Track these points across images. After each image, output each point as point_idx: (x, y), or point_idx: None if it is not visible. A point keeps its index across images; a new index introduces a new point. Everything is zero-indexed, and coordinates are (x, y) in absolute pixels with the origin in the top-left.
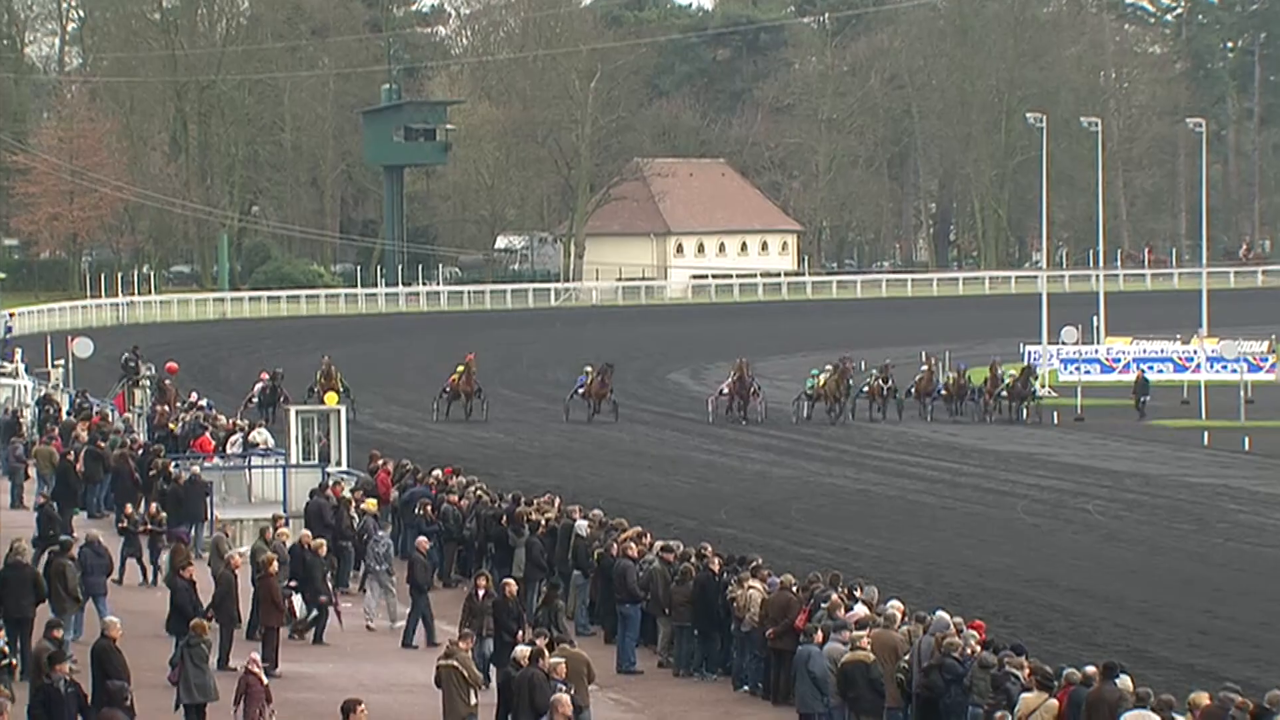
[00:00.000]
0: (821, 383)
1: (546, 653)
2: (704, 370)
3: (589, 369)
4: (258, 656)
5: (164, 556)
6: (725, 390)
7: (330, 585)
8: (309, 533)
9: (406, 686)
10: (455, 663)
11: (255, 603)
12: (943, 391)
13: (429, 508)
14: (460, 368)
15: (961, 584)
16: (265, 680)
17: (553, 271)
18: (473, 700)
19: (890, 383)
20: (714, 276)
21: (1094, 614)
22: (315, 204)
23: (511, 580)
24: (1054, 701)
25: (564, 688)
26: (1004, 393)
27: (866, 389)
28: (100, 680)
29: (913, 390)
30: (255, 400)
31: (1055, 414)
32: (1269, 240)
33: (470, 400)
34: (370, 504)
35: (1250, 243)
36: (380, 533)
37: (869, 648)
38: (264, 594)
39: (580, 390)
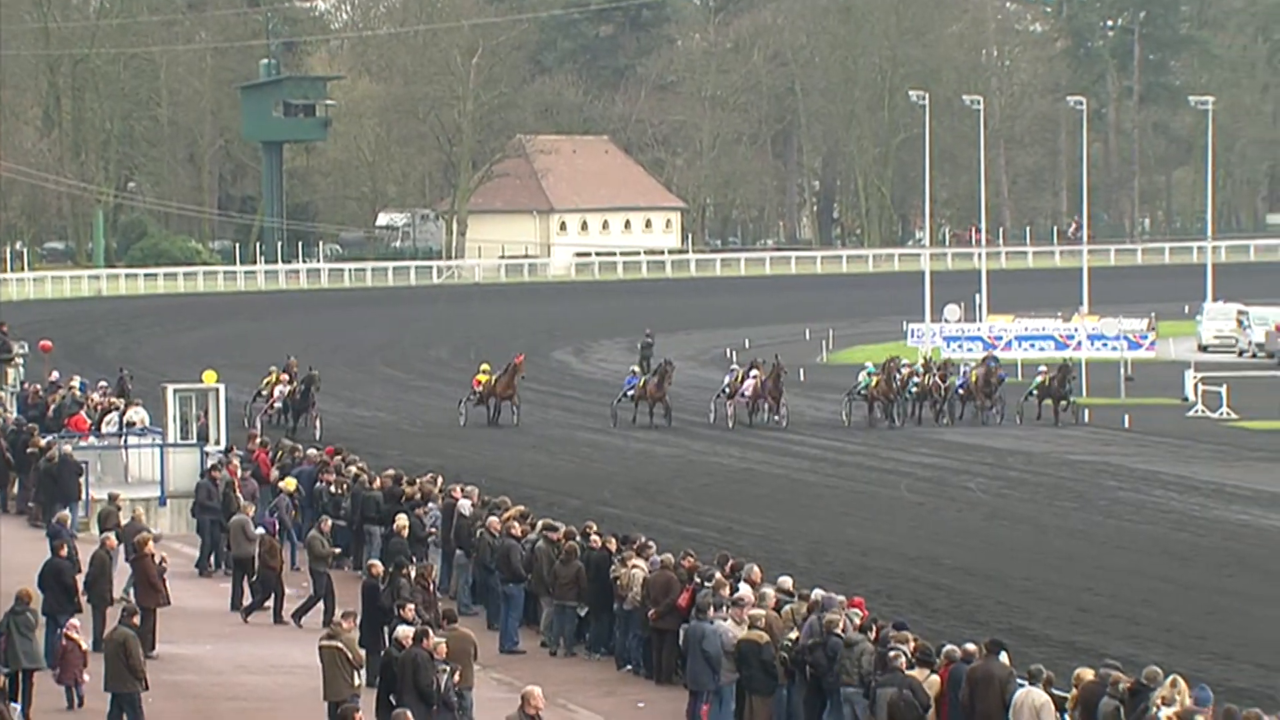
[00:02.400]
0: (875, 383)
1: (431, 633)
2: (588, 348)
3: (635, 369)
4: (77, 623)
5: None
6: (748, 392)
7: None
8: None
9: (287, 668)
10: (339, 644)
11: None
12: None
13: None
14: (485, 366)
15: (845, 562)
16: (84, 646)
17: (435, 249)
18: (356, 681)
19: (949, 381)
20: (597, 254)
21: (977, 592)
22: (193, 180)
23: (377, 561)
24: (935, 678)
25: (446, 668)
26: (1034, 391)
27: (915, 388)
28: None
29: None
30: (279, 405)
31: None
32: (1148, 218)
33: (501, 405)
34: (289, 483)
35: (1079, 222)
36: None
37: (764, 627)
38: (141, 575)
39: (630, 392)
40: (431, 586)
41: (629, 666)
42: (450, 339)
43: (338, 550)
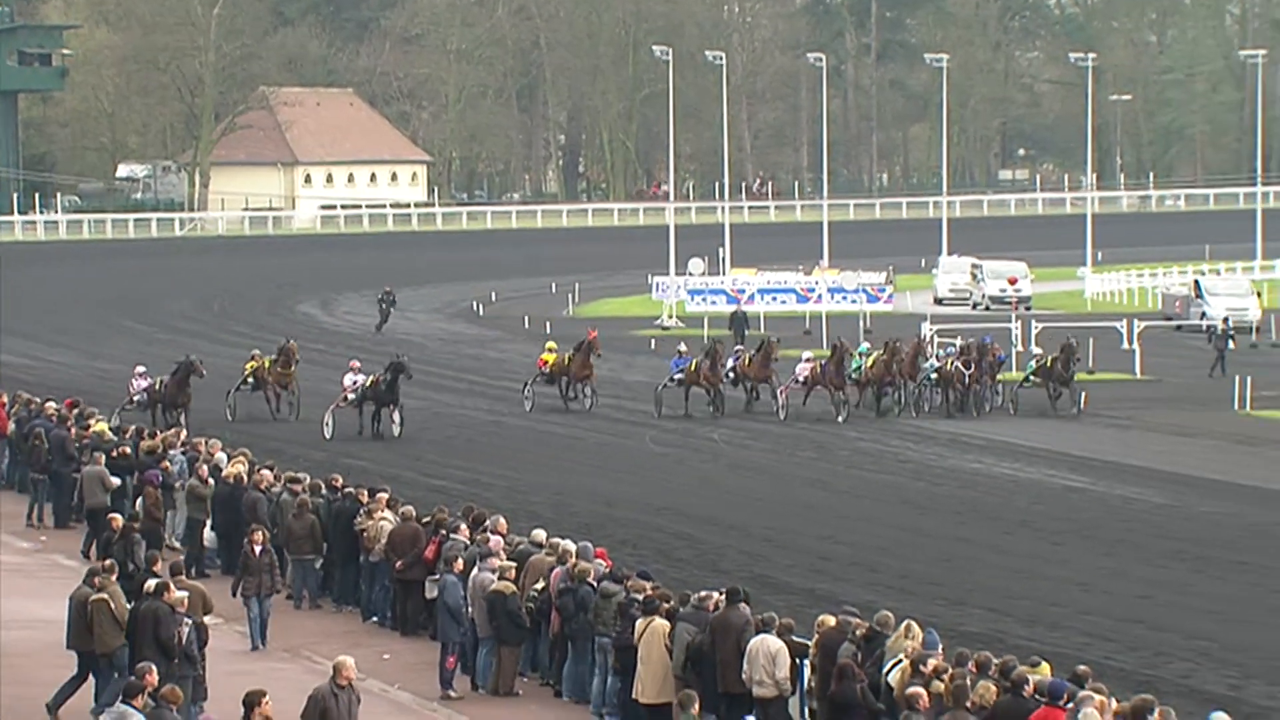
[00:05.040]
0: (870, 364)
1: (171, 586)
2: (333, 301)
3: (682, 348)
4: None
5: None
6: (804, 378)
7: None
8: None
9: (43, 622)
10: (105, 596)
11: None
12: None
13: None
14: (551, 345)
15: (590, 513)
16: None
17: (177, 201)
18: (120, 639)
19: (973, 368)
20: (343, 207)
21: (720, 541)
22: None
23: (117, 515)
24: (664, 622)
25: (189, 621)
26: (1033, 377)
27: (936, 374)
28: None
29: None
30: (352, 397)
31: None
32: (886, 174)
33: (577, 386)
34: (101, 426)
35: (763, 179)
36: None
37: (513, 578)
38: None
39: (678, 375)
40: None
41: (375, 618)
42: (193, 292)
43: (117, 482)
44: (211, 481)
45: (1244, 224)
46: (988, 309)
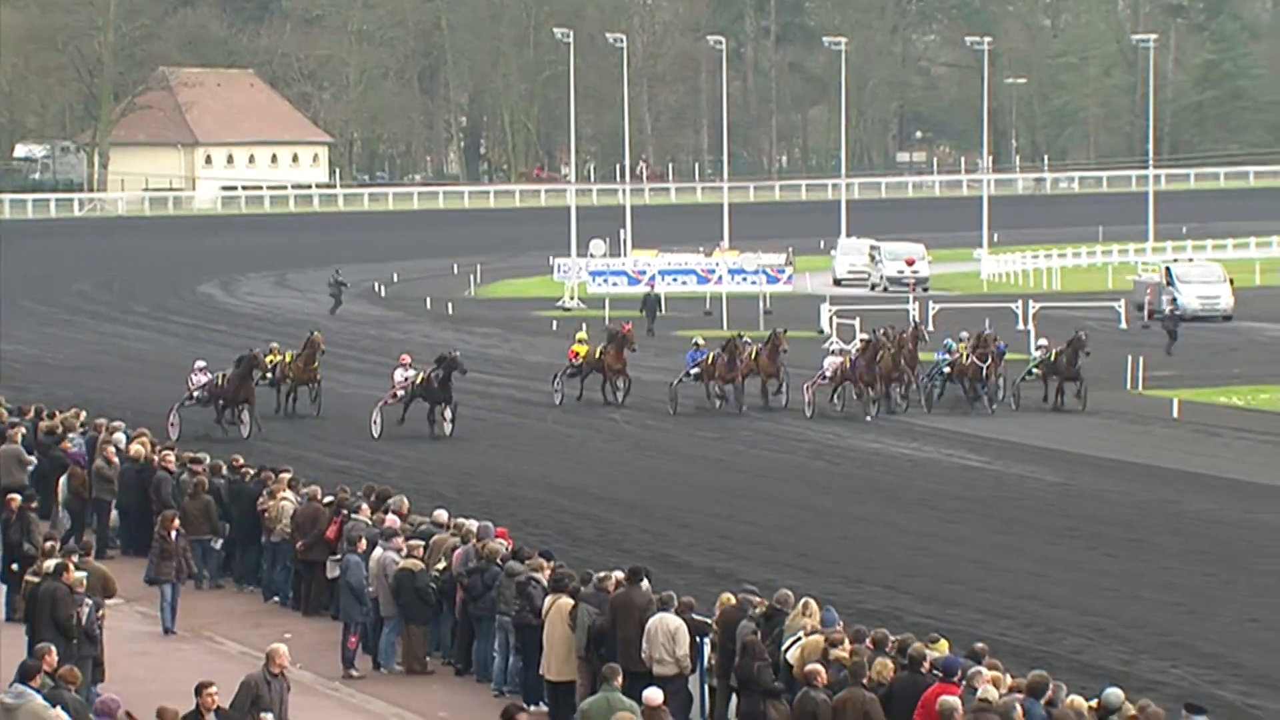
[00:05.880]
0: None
1: (70, 566)
2: (235, 282)
3: (699, 341)
4: None
5: None
6: (832, 373)
7: None
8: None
9: None
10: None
11: None
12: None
13: None
14: (581, 335)
15: (493, 493)
16: None
17: (76, 181)
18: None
19: (990, 360)
20: (244, 188)
21: (622, 521)
22: None
23: (16, 496)
24: (568, 601)
25: (89, 601)
26: (1035, 369)
27: (949, 367)
28: None
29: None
30: (402, 394)
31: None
32: (785, 156)
33: (608, 380)
34: None
35: (647, 162)
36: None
37: (421, 556)
38: None
39: (694, 369)
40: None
41: (276, 598)
42: (93, 273)
43: (33, 460)
44: (117, 461)
45: (1137, 206)
46: (886, 290)
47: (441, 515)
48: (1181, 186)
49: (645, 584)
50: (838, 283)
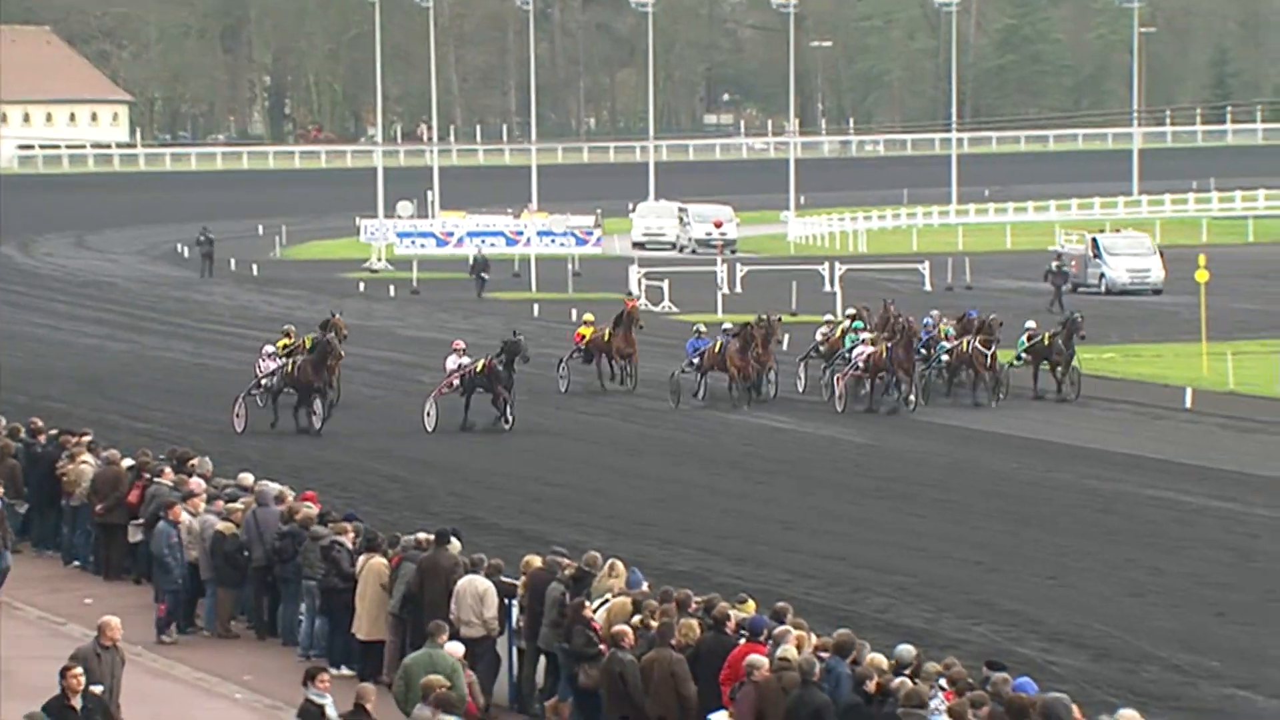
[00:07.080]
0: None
1: None
2: (33, 243)
3: (701, 329)
4: None
5: None
6: (864, 362)
7: None
8: None
9: None
10: None
11: None
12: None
13: None
14: (588, 317)
15: (299, 456)
16: None
17: None
18: None
19: (994, 347)
20: (42, 147)
21: (432, 483)
22: None
23: None
24: (381, 560)
25: None
26: (1024, 355)
27: (948, 355)
28: None
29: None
30: (457, 383)
31: (392, 287)
32: (594, 118)
33: (615, 363)
34: None
35: (427, 124)
36: None
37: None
38: None
39: (695, 361)
40: None
41: (77, 563)
42: None
43: None
44: None
45: (941, 169)
46: (694, 252)
47: (246, 478)
48: (984, 150)
49: (455, 545)
50: (636, 245)
